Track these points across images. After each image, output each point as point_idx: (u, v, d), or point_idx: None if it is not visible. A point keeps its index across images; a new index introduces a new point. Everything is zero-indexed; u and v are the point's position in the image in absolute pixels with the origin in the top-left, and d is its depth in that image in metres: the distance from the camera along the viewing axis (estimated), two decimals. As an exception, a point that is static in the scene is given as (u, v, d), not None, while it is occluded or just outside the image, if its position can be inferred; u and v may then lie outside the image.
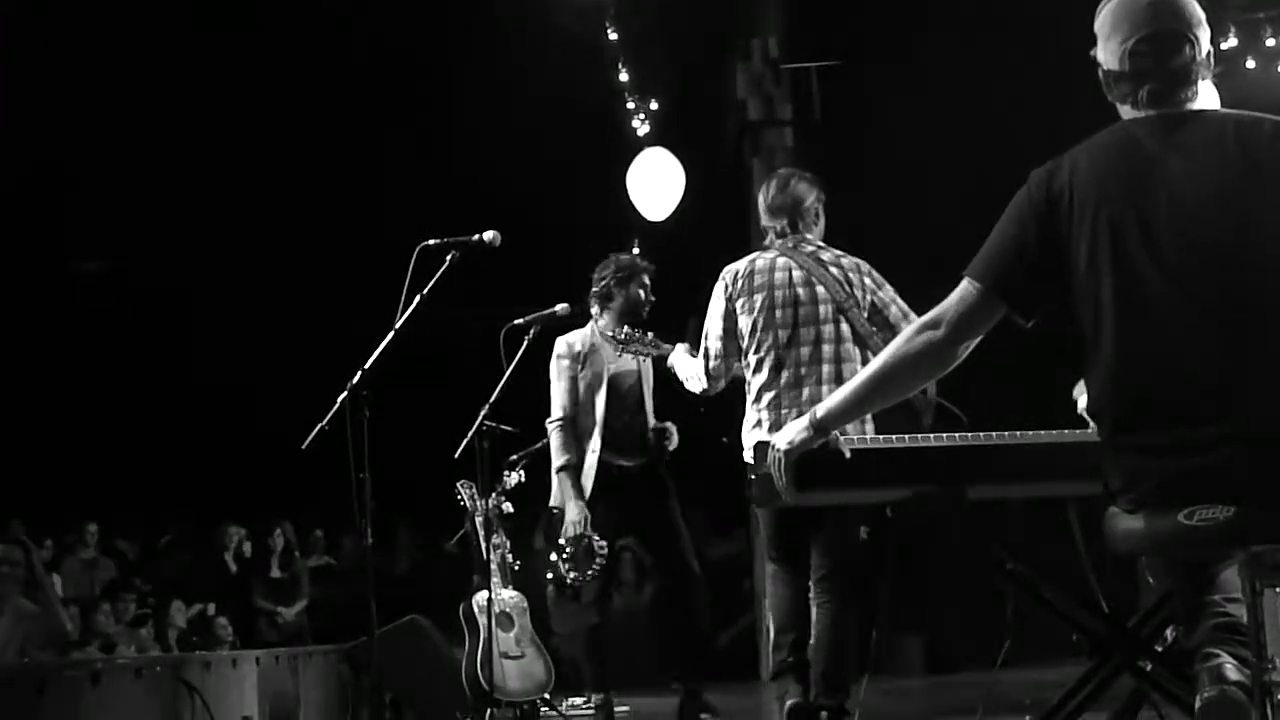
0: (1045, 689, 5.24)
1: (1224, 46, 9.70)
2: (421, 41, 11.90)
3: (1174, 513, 2.86)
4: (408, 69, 12.13)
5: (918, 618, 11.31)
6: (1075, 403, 4.01)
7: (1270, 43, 10.02)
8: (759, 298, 5.35)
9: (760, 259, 5.47)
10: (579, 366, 6.82)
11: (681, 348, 5.85)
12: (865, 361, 5.31)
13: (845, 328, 5.37)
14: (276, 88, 11.89)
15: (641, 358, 6.12)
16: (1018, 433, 3.76)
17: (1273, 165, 2.96)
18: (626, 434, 6.90)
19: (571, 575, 6.91)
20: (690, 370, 5.56)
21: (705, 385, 5.52)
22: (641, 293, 6.92)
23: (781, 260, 5.44)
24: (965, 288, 3.19)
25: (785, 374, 5.31)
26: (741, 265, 5.46)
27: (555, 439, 6.92)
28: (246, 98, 11.92)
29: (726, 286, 5.42)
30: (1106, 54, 3.15)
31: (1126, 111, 3.16)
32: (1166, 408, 2.91)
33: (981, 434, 3.71)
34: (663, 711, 7.56)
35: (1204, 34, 3.11)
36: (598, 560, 6.81)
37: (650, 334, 5.87)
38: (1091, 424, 3.25)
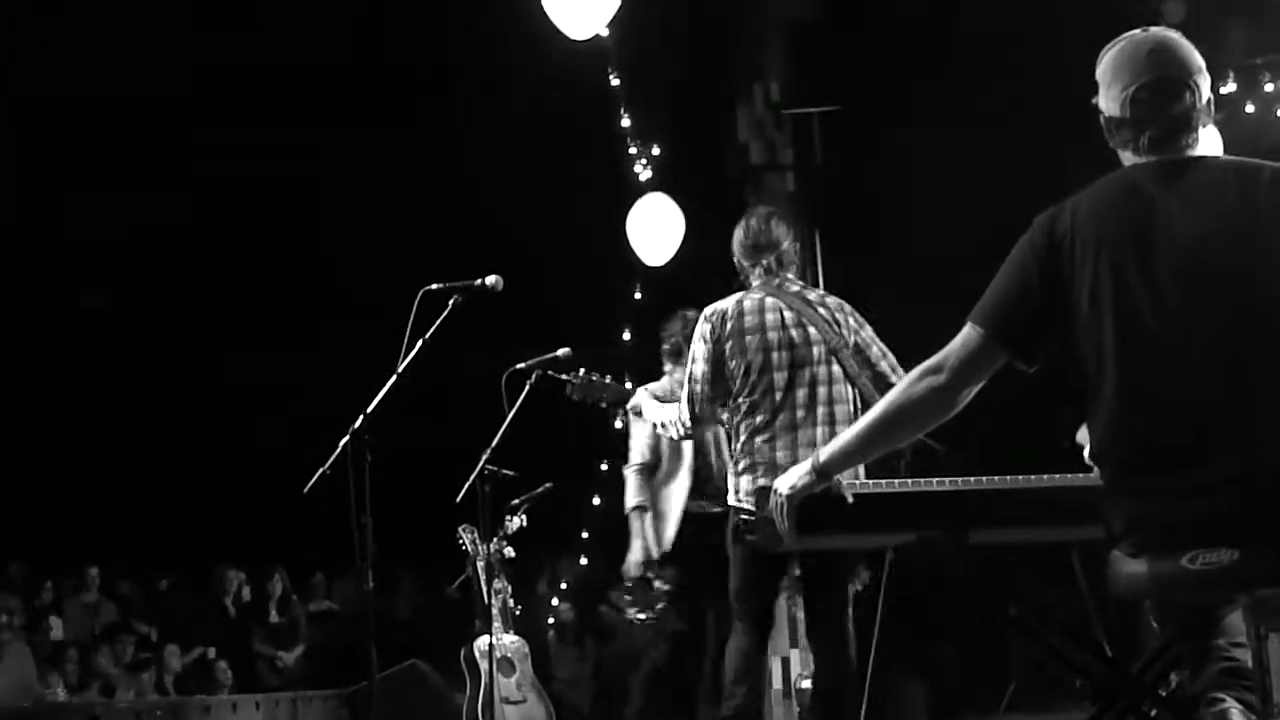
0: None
1: (1223, 92, 9.74)
2: (424, 88, 11.96)
3: (1177, 557, 2.86)
4: (410, 114, 12.18)
5: (920, 663, 11.26)
6: (1078, 445, 4.02)
7: (1269, 88, 10.06)
8: (751, 339, 5.25)
9: (748, 299, 5.36)
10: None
11: (644, 393, 5.80)
12: (855, 401, 5.29)
13: (836, 368, 5.30)
14: (283, 128, 11.94)
15: (601, 405, 5.85)
16: (1020, 477, 3.76)
17: (1271, 211, 2.98)
18: (710, 480, 6.82)
19: (631, 613, 6.88)
20: (668, 415, 5.44)
21: (687, 430, 5.39)
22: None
23: (770, 300, 5.34)
24: (968, 333, 3.19)
25: (783, 416, 5.21)
26: (728, 305, 5.33)
27: (632, 483, 6.90)
28: (251, 141, 11.96)
29: (714, 328, 5.29)
30: (1108, 101, 3.17)
31: (1128, 158, 3.18)
32: (1169, 451, 2.91)
33: (984, 478, 3.71)
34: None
35: (1204, 81, 3.13)
36: (658, 601, 6.77)
37: (608, 378, 5.78)
38: (1094, 467, 3.25)
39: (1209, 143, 3.19)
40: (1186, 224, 2.99)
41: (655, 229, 11.30)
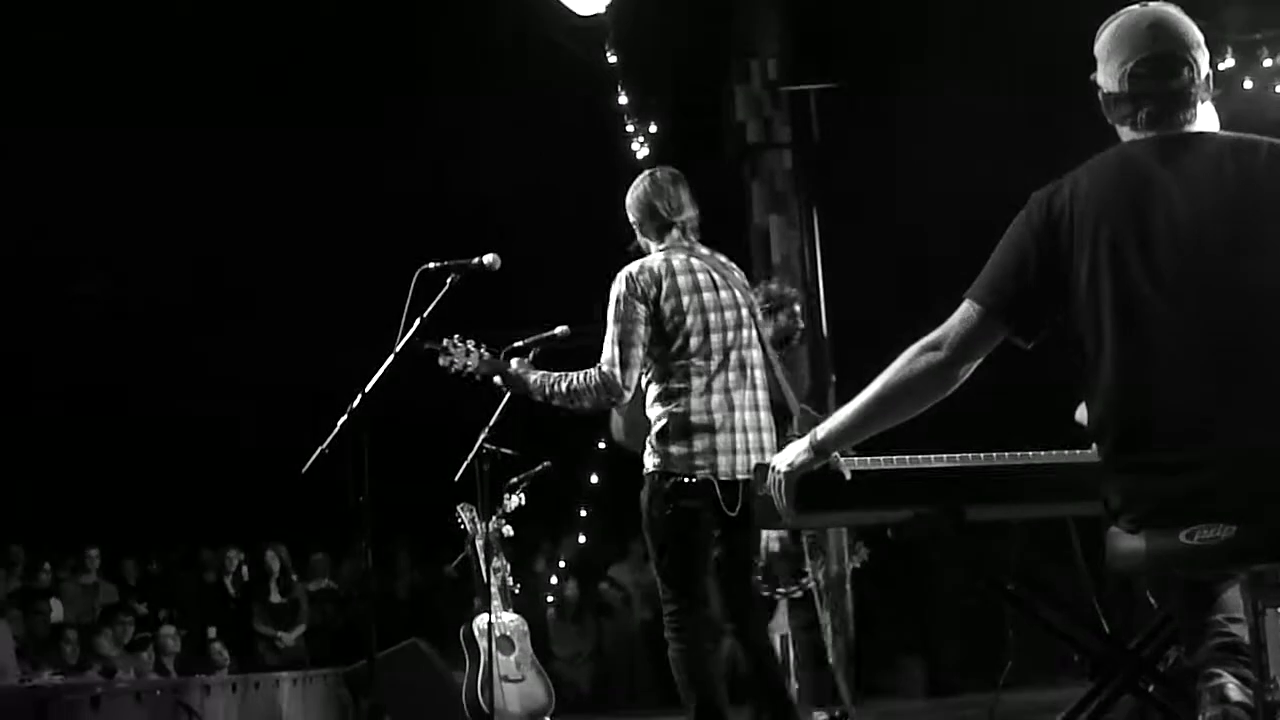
0: (1047, 710, 5.24)
1: (1222, 68, 9.73)
2: (420, 66, 11.93)
3: (1175, 532, 2.87)
4: (406, 93, 12.16)
5: (919, 640, 11.30)
6: (1077, 423, 4.02)
7: (1267, 63, 10.06)
8: (689, 299, 5.07)
9: (674, 259, 5.16)
10: None
11: (518, 363, 5.36)
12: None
13: (755, 333, 5.23)
14: (272, 109, 11.92)
15: (466, 372, 5.31)
16: (1018, 453, 3.76)
17: (1269, 187, 2.98)
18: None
19: (766, 590, 6.76)
20: (584, 384, 5.03)
21: (614, 401, 5.07)
22: (791, 322, 6.79)
23: (695, 261, 5.18)
24: (966, 309, 3.19)
25: (719, 379, 5.06)
26: (657, 264, 5.11)
27: None
28: (242, 122, 11.95)
29: (643, 288, 5.04)
30: (1106, 76, 3.17)
31: (1126, 133, 3.17)
32: (1166, 427, 2.92)
33: (982, 455, 3.72)
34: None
35: (1203, 56, 3.13)
36: (802, 578, 6.67)
37: (480, 346, 5.35)
38: (1092, 444, 3.25)
39: (1207, 118, 3.18)
40: (1184, 200, 2.99)
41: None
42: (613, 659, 12.95)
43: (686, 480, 4.96)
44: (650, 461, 5.03)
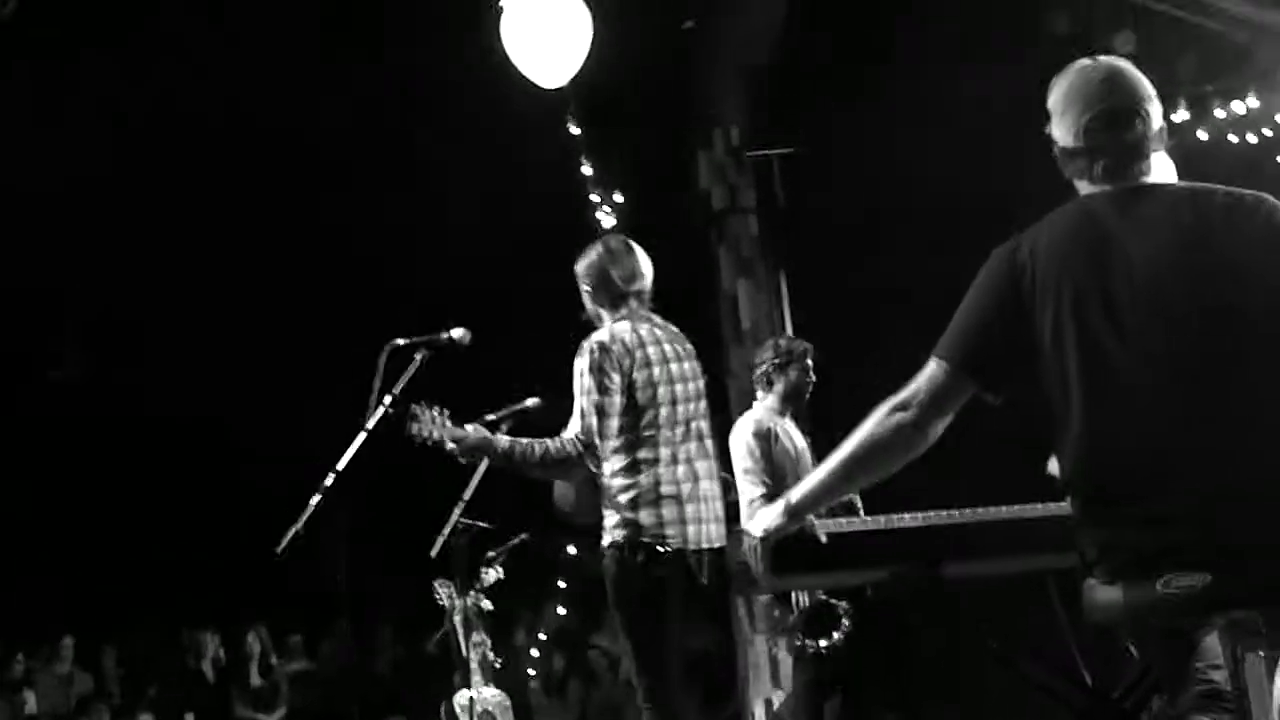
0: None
1: (1175, 119, 9.83)
2: (383, 139, 11.97)
3: (1150, 582, 2.87)
4: (370, 166, 12.19)
5: (898, 696, 11.24)
6: (1049, 476, 4.02)
7: (1220, 114, 10.16)
8: (657, 371, 5.11)
9: (641, 330, 5.21)
10: (771, 443, 6.49)
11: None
12: None
13: (705, 403, 5.32)
14: (237, 188, 11.93)
15: (433, 441, 5.22)
16: (991, 508, 3.77)
17: (1226, 236, 3.01)
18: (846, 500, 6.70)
19: (808, 643, 6.68)
20: (562, 452, 5.01)
21: (591, 470, 5.06)
22: (802, 376, 6.80)
23: (658, 333, 5.26)
24: (933, 367, 3.21)
25: (682, 448, 5.13)
26: (625, 335, 5.14)
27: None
28: (209, 200, 11.96)
29: (617, 358, 5.05)
30: (1061, 131, 3.21)
31: (1083, 187, 3.21)
32: (1137, 478, 2.93)
33: (957, 512, 3.72)
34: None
35: (1155, 108, 3.17)
36: (841, 625, 6.59)
37: (445, 414, 5.26)
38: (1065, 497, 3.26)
39: (1162, 169, 3.22)
40: (1143, 252, 3.02)
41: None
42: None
43: (659, 549, 4.96)
44: (617, 533, 5.03)
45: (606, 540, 5.06)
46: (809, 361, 6.82)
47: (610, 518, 5.07)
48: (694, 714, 5.10)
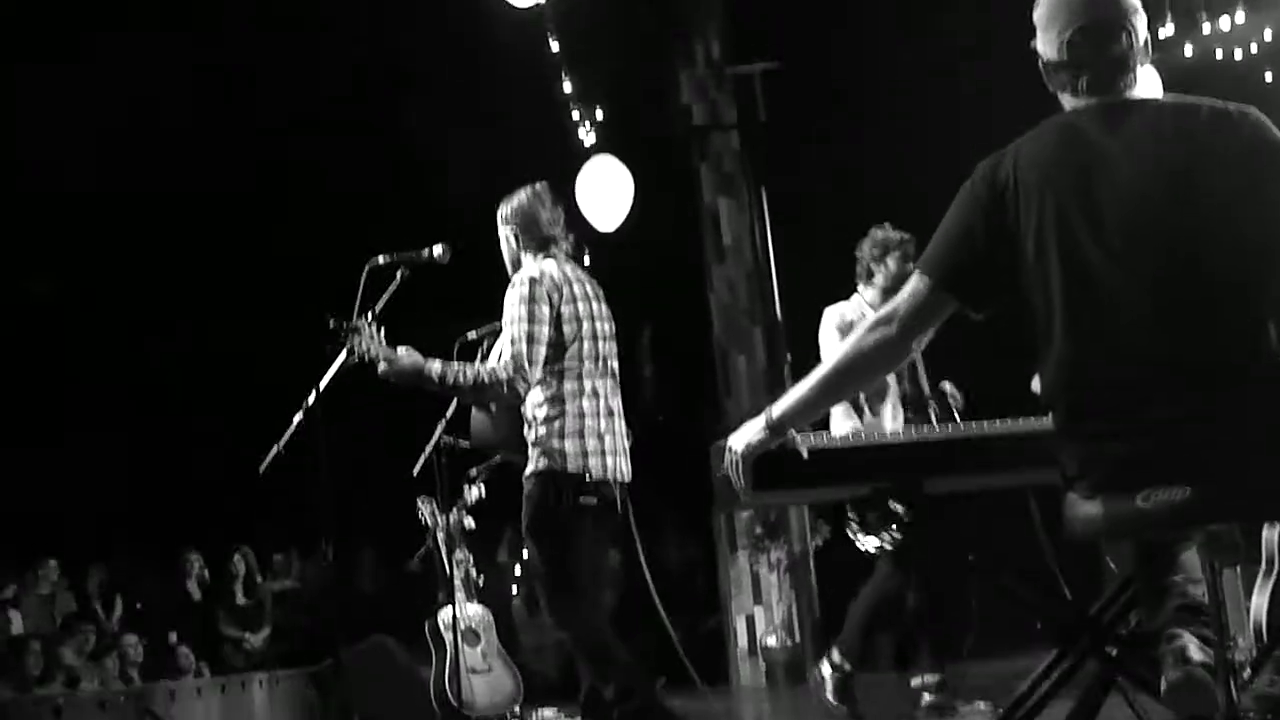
0: (1013, 678, 5.26)
1: (1161, 35, 9.77)
2: (364, 59, 11.87)
3: (1130, 496, 2.88)
4: (351, 87, 12.09)
5: (886, 616, 11.33)
6: (1033, 393, 4.02)
7: (1206, 29, 10.10)
8: (582, 306, 5.31)
9: (565, 268, 5.40)
10: None
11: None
12: None
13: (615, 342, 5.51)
14: (220, 97, 11.84)
15: (368, 357, 5.23)
16: (972, 424, 3.77)
17: (1211, 149, 2.99)
18: (918, 405, 6.79)
19: (863, 540, 6.62)
20: (494, 376, 5.14)
21: (519, 396, 5.21)
22: (901, 265, 6.80)
23: (576, 272, 5.44)
24: (915, 282, 3.20)
25: (600, 383, 5.32)
26: (552, 271, 5.31)
27: (837, 410, 6.58)
28: (193, 114, 11.87)
29: (548, 292, 5.23)
30: (1045, 44, 3.18)
31: (1067, 101, 3.19)
32: (1118, 392, 2.93)
33: (936, 427, 3.73)
34: None
35: (1140, 21, 3.14)
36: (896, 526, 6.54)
37: (380, 329, 5.27)
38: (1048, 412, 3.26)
39: (1148, 84, 3.19)
40: (1127, 166, 3.00)
41: (604, 193, 11.28)
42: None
43: (585, 478, 5.16)
44: (541, 461, 5.19)
45: (530, 468, 5.22)
46: (911, 249, 6.83)
47: (535, 446, 5.22)
48: (608, 632, 5.22)
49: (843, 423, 6.60)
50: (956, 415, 6.69)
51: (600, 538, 5.35)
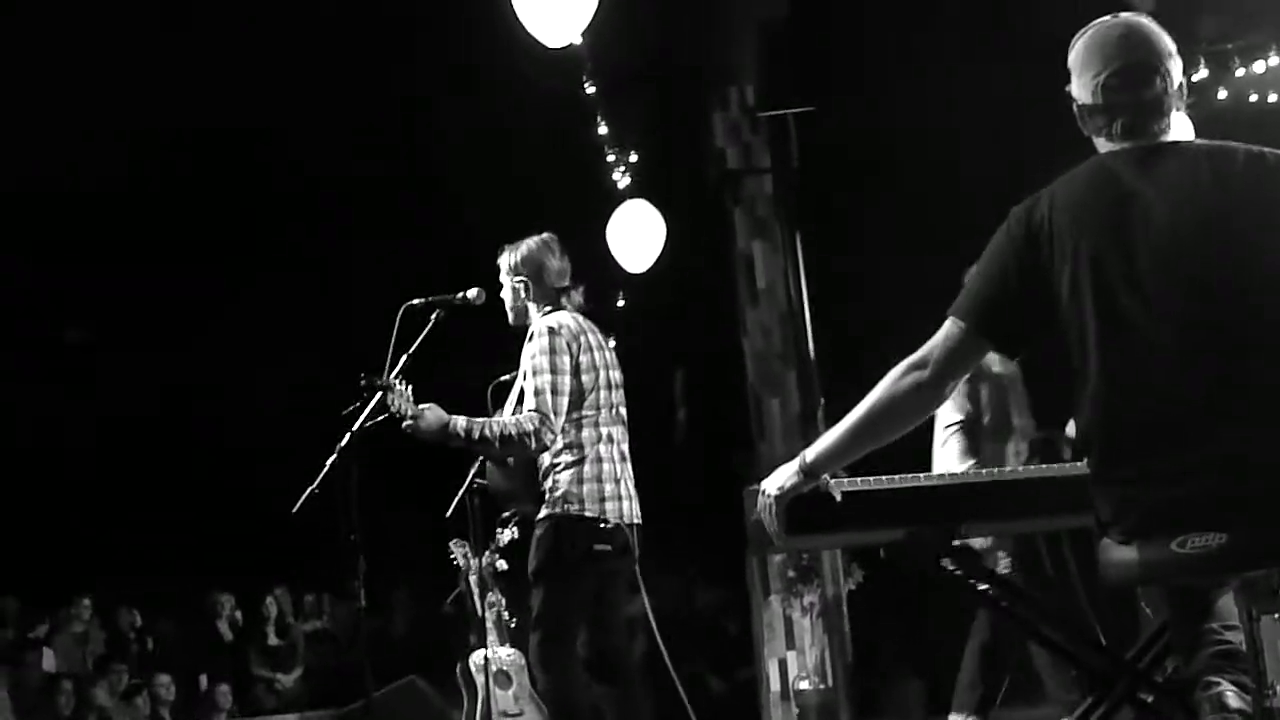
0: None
1: (1195, 78, 9.75)
2: (397, 99, 11.95)
3: (1166, 541, 2.86)
4: (386, 128, 12.17)
5: (918, 659, 11.27)
6: (1069, 438, 4.01)
7: (1240, 73, 10.08)
8: (597, 356, 5.38)
9: (579, 320, 5.46)
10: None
11: (438, 412, 5.30)
12: None
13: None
14: (254, 142, 11.93)
15: (400, 412, 5.26)
16: (1007, 469, 3.76)
17: (1246, 193, 2.99)
18: (1039, 440, 6.42)
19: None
20: (520, 429, 5.16)
21: (544, 444, 5.22)
22: None
23: (585, 323, 5.48)
24: (949, 327, 3.20)
25: (615, 430, 5.39)
26: (570, 323, 5.37)
27: (955, 445, 6.17)
28: (226, 164, 11.96)
29: (568, 342, 5.29)
30: (1080, 88, 3.19)
31: (1102, 145, 3.19)
32: (1153, 437, 2.91)
33: (972, 472, 3.72)
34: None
35: (1175, 66, 3.14)
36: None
37: (408, 388, 5.29)
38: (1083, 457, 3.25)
39: (1181, 129, 3.19)
40: (1162, 210, 3.00)
41: (636, 236, 11.34)
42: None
43: (601, 525, 5.22)
44: (562, 506, 5.23)
45: (545, 512, 5.28)
46: None
47: (553, 491, 5.27)
48: (583, 693, 5.27)
49: (957, 464, 6.16)
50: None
51: (617, 583, 5.42)
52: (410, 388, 5.28)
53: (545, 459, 5.29)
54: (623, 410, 5.46)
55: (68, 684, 10.18)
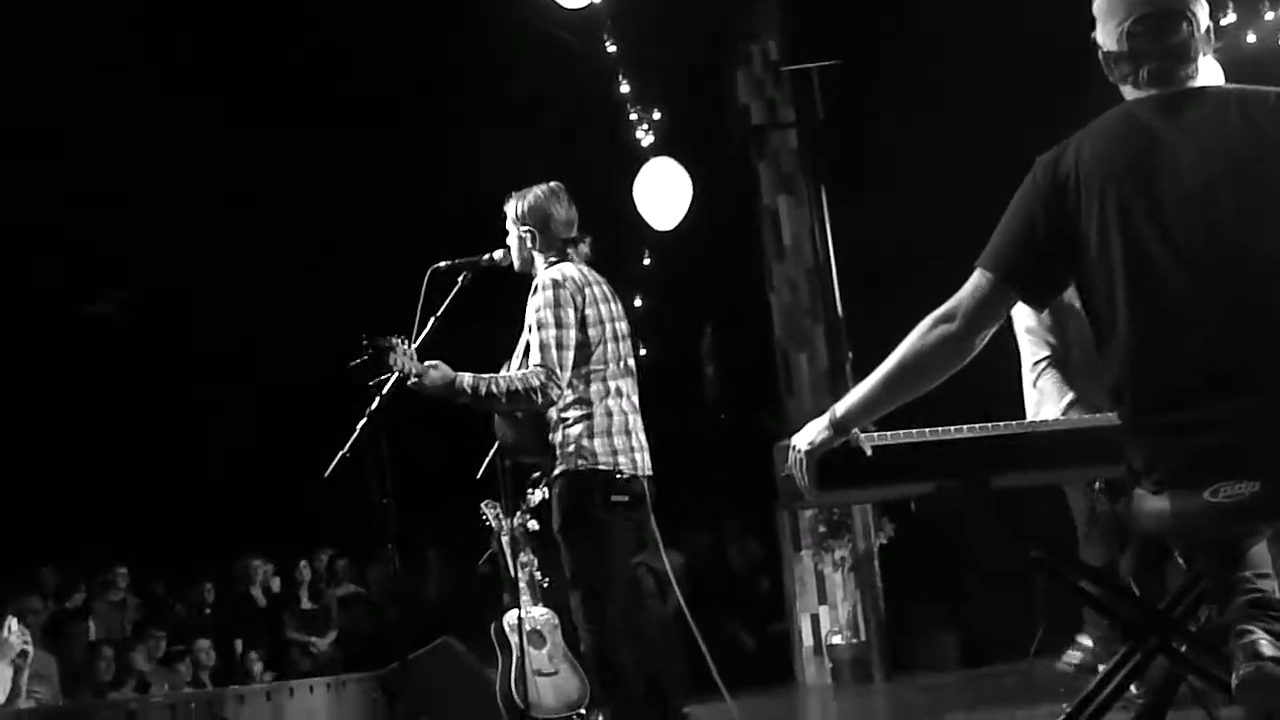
0: (1080, 676, 5.23)
1: (1223, 23, 9.66)
2: (422, 61, 11.92)
3: (1199, 491, 2.85)
4: (408, 90, 12.15)
5: (950, 612, 11.29)
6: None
7: (1269, 16, 9.98)
8: (604, 309, 5.29)
9: (585, 271, 5.37)
10: (1062, 303, 5.69)
11: (443, 369, 5.25)
12: None
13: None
14: (276, 108, 11.92)
15: (403, 373, 5.22)
16: (1039, 420, 3.74)
17: (1276, 137, 2.95)
18: None
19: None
20: (526, 384, 5.12)
21: (552, 404, 5.19)
22: None
23: (592, 274, 5.39)
24: (977, 278, 3.18)
25: (623, 382, 5.31)
26: (575, 275, 5.28)
27: (1049, 383, 5.88)
28: (249, 127, 11.96)
29: (572, 295, 5.20)
30: (1105, 35, 3.16)
31: (1128, 92, 3.16)
32: (1185, 386, 2.90)
33: (1003, 424, 3.70)
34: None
35: (1201, 10, 3.11)
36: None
37: (410, 345, 5.26)
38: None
39: (1209, 74, 3.16)
40: (1190, 156, 2.97)
41: (662, 194, 11.31)
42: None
43: (617, 475, 5.15)
44: (575, 461, 5.16)
45: (560, 469, 5.20)
46: None
47: (565, 447, 5.20)
48: (629, 634, 5.21)
49: (1055, 402, 5.86)
50: None
51: (630, 533, 5.34)
52: (411, 345, 5.24)
53: (553, 414, 5.24)
54: (631, 361, 5.39)
55: (108, 650, 10.27)
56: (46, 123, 11.03)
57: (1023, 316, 5.83)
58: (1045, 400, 5.93)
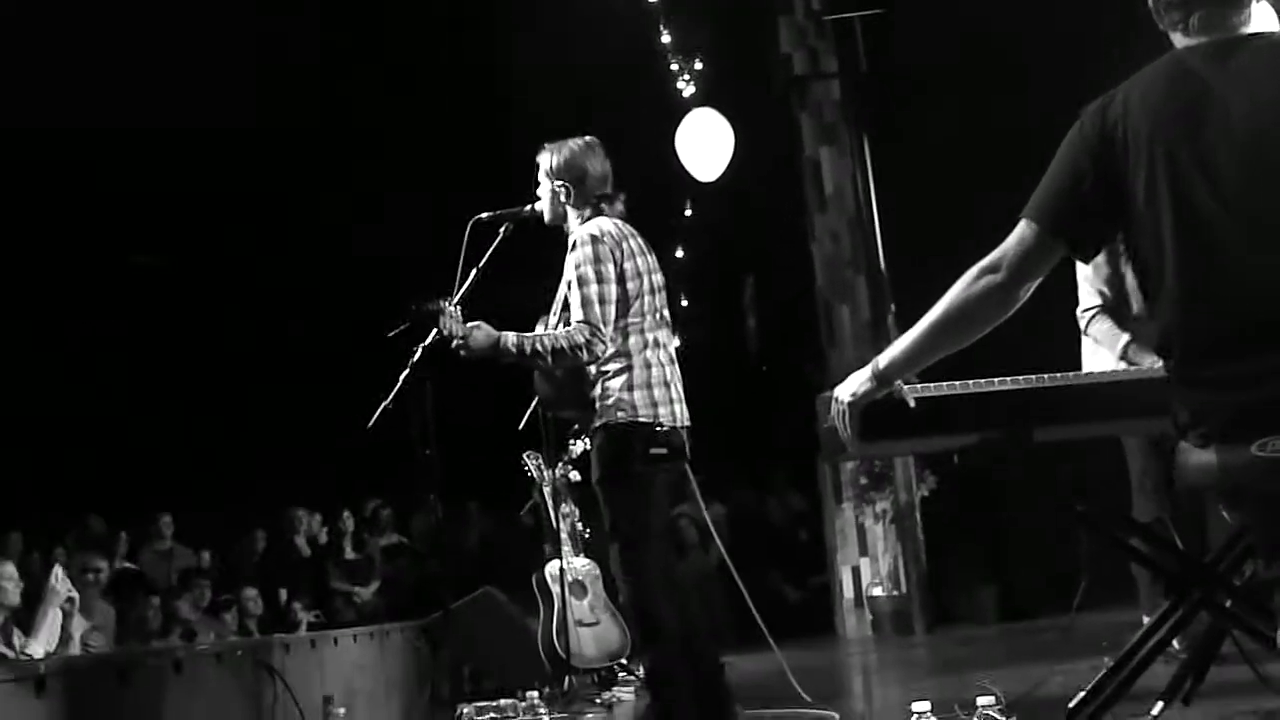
0: (1123, 630, 5.21)
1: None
2: (463, 11, 11.90)
3: (1246, 444, 2.82)
4: (449, 43, 12.13)
5: (991, 566, 11.27)
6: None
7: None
8: (641, 261, 5.27)
9: (621, 225, 5.34)
10: (1119, 252, 5.86)
11: (485, 329, 5.23)
12: None
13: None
14: (315, 61, 11.94)
15: (451, 333, 5.19)
16: (1083, 372, 3.72)
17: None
18: None
19: None
20: (570, 341, 5.11)
21: (596, 359, 5.19)
22: None
23: (627, 228, 5.36)
24: (1022, 229, 3.15)
25: (660, 334, 5.30)
26: (612, 229, 5.26)
27: (1102, 327, 6.03)
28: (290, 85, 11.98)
29: (611, 249, 5.19)
30: (1155, -18, 3.11)
31: (1178, 39, 3.11)
32: (1233, 339, 2.87)
33: (1046, 376, 3.68)
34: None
35: (1256, -47, 3.06)
36: None
37: (456, 309, 5.26)
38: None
39: (1263, 20, 3.11)
40: (1241, 105, 2.93)
41: (704, 145, 11.27)
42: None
43: (657, 428, 5.14)
44: (615, 413, 5.15)
45: (599, 421, 5.19)
46: None
47: (604, 400, 5.20)
48: (667, 585, 5.19)
49: (1111, 347, 5.97)
50: None
51: (669, 486, 5.35)
52: (453, 304, 5.24)
53: (592, 368, 5.24)
54: (666, 313, 5.37)
55: (154, 599, 10.37)
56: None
57: (1082, 265, 5.78)
58: (1100, 347, 5.94)
